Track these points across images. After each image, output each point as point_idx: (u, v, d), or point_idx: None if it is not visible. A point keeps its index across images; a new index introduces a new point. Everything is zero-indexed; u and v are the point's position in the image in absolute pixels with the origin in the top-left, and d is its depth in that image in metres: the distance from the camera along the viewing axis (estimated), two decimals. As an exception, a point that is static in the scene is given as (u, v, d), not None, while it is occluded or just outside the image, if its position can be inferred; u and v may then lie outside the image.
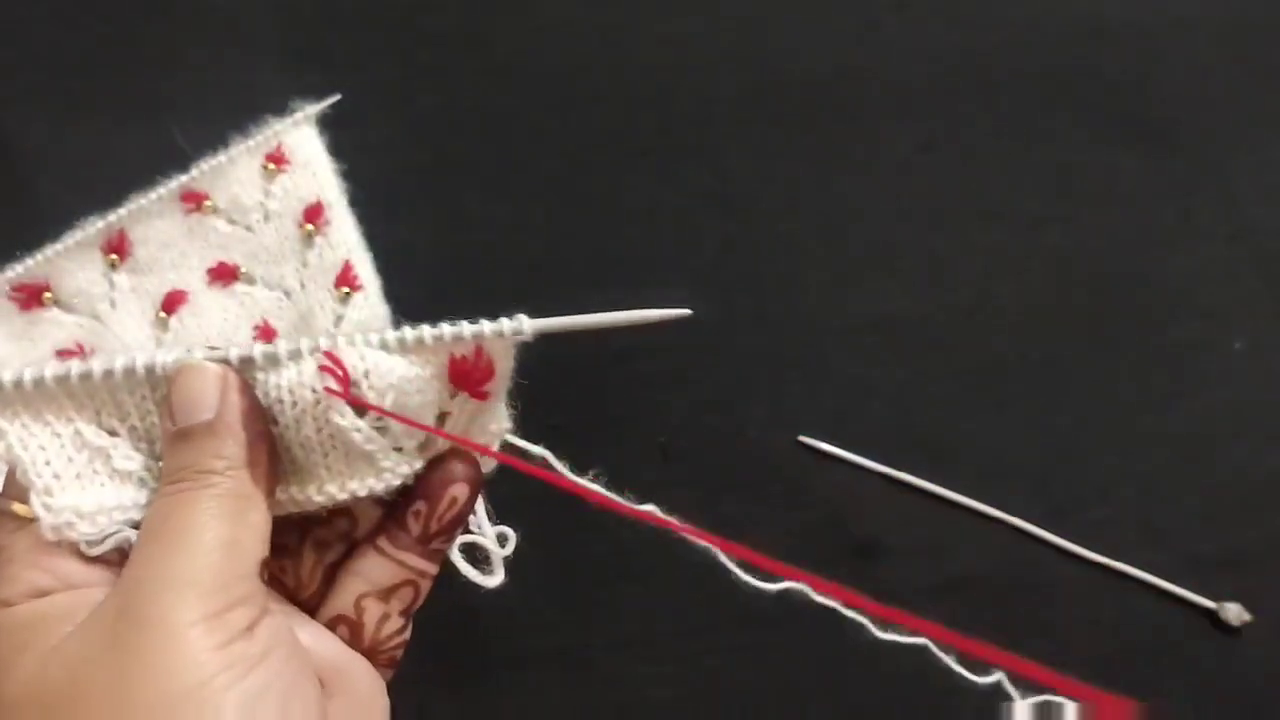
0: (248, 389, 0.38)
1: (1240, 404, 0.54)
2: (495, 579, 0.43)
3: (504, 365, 0.39)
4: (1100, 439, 0.53)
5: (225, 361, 0.38)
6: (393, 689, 0.40)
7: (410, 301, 0.53)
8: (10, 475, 0.38)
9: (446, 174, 0.55)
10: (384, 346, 0.38)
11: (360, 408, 0.38)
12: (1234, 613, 0.49)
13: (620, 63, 0.57)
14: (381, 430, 0.39)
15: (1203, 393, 0.54)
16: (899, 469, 0.52)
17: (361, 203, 0.53)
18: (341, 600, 0.41)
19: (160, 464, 0.39)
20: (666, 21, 0.57)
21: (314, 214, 0.52)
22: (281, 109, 0.53)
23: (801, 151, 0.57)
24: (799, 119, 0.57)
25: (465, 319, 0.39)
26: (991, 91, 0.57)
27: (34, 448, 0.37)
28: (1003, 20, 0.58)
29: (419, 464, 0.40)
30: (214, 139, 0.52)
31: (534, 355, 0.39)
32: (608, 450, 0.41)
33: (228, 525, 0.36)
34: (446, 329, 0.38)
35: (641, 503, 0.37)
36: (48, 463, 0.37)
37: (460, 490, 0.40)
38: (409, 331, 0.39)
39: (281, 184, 0.52)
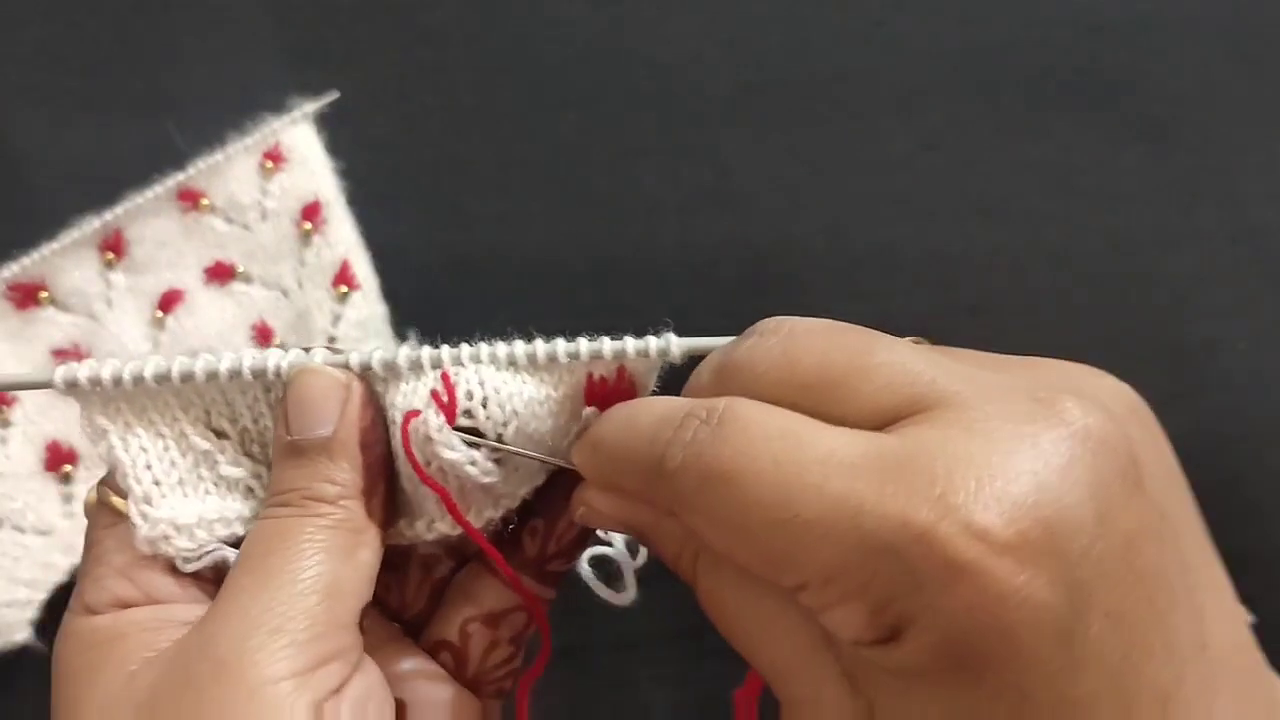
0: (372, 403, 0.34)
1: (1243, 404, 0.54)
2: (627, 596, 0.39)
3: (646, 385, 0.35)
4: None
5: (347, 367, 0.34)
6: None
7: (408, 300, 0.53)
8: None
9: (445, 172, 0.55)
10: (512, 363, 0.34)
11: (475, 439, 0.34)
12: (1236, 614, 0.49)
13: (620, 62, 0.56)
14: (500, 461, 0.35)
15: (1205, 393, 0.54)
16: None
17: (359, 201, 0.53)
18: (447, 624, 0.37)
19: (258, 462, 0.36)
20: (666, 21, 0.57)
21: (312, 212, 0.52)
22: (279, 107, 0.53)
23: (801, 151, 0.57)
24: (799, 119, 0.57)
25: (463, 318, 0.38)
26: (992, 91, 0.57)
27: (135, 449, 0.34)
28: (1003, 19, 0.58)
29: (540, 479, 0.36)
30: (211, 137, 0.52)
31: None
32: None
33: (333, 564, 0.32)
34: (585, 346, 0.34)
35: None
36: (149, 467, 0.34)
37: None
38: (542, 348, 0.34)
39: (279, 182, 0.52)
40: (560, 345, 0.34)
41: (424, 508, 0.35)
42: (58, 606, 0.48)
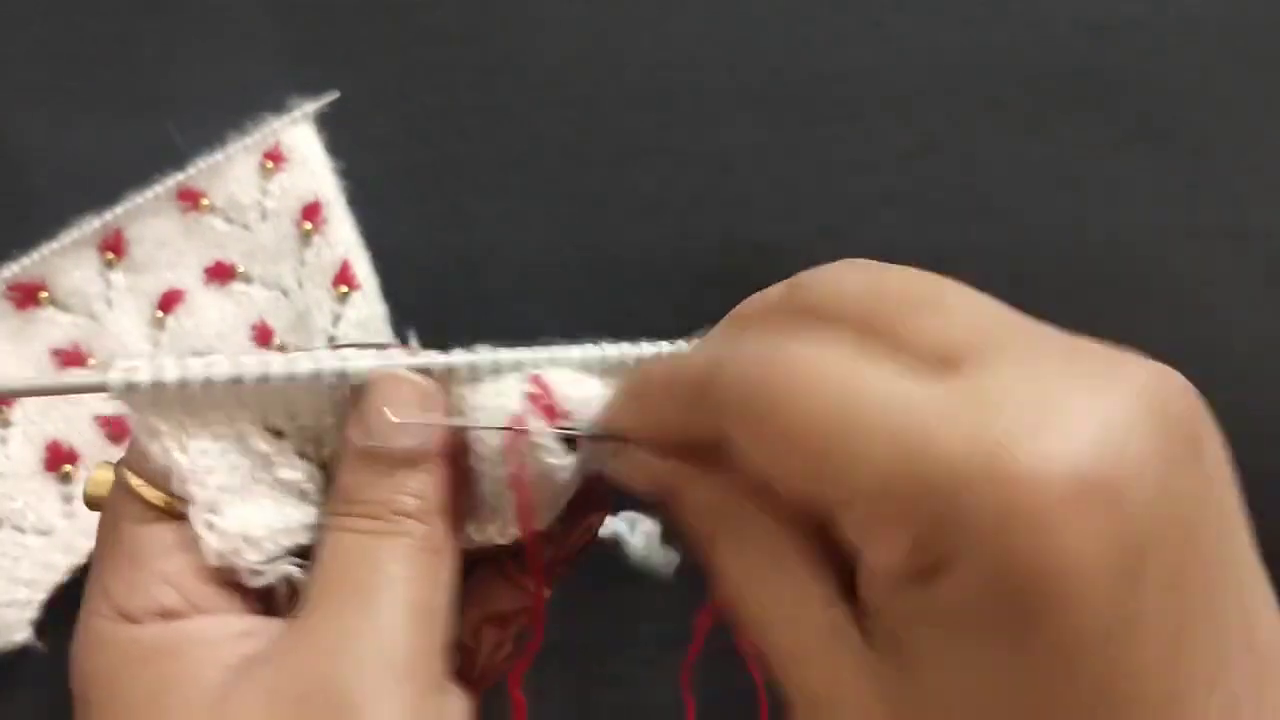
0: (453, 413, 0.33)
1: (1243, 404, 0.54)
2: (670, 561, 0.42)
3: None
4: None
5: (428, 372, 0.33)
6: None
7: (408, 300, 0.53)
8: (133, 445, 0.32)
9: (445, 172, 0.55)
10: (585, 367, 0.34)
11: (570, 443, 0.33)
12: (1236, 614, 0.49)
13: (620, 62, 0.56)
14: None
15: (1206, 393, 0.54)
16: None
17: (359, 201, 0.53)
18: (460, 625, 0.36)
19: (322, 470, 0.34)
20: (666, 21, 0.57)
21: (312, 212, 0.52)
22: (279, 106, 0.53)
23: (801, 151, 0.57)
24: (799, 119, 0.57)
25: (463, 319, 0.38)
26: (992, 91, 0.57)
27: (195, 452, 0.31)
28: (1003, 20, 0.58)
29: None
30: (211, 137, 0.52)
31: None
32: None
33: (423, 588, 0.31)
34: (647, 348, 0.35)
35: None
36: (211, 471, 0.32)
37: (597, 519, 0.37)
38: (612, 351, 0.34)
39: (279, 182, 0.52)
40: (627, 349, 0.34)
41: (501, 512, 0.34)
42: (57, 606, 0.48)
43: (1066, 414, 0.25)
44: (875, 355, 0.27)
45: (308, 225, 0.52)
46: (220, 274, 0.52)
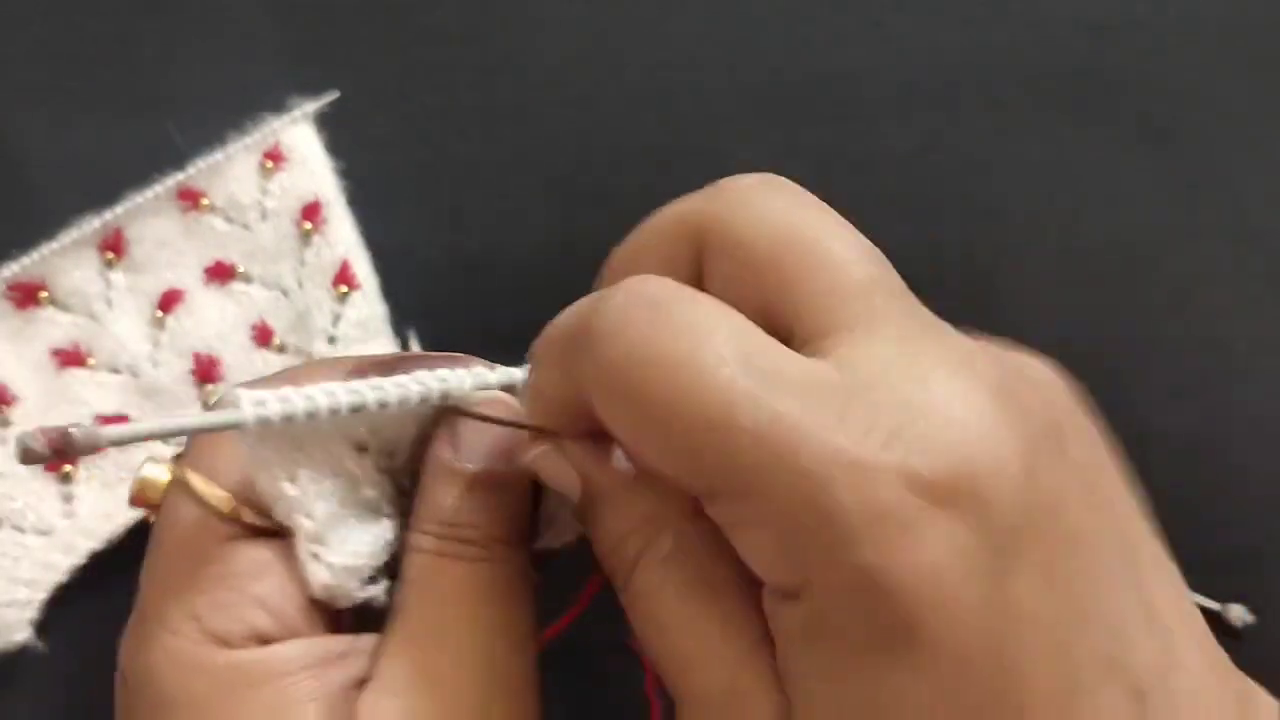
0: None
1: (1243, 404, 0.54)
2: None
3: None
4: (1101, 439, 0.53)
5: (510, 389, 0.33)
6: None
7: (408, 300, 0.53)
8: (202, 447, 0.32)
9: (445, 172, 0.55)
10: None
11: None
12: (1236, 614, 0.49)
13: (620, 62, 0.56)
14: None
15: (1205, 393, 0.54)
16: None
17: (359, 201, 0.53)
18: None
19: (383, 474, 0.33)
20: (666, 21, 0.57)
21: (312, 212, 0.52)
22: (279, 106, 0.53)
23: (801, 151, 0.57)
24: (799, 119, 0.57)
25: (463, 319, 0.38)
26: (992, 91, 0.57)
27: (304, 481, 0.31)
28: (1003, 20, 0.58)
29: None
30: (211, 137, 0.52)
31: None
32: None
33: (526, 616, 0.32)
34: None
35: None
36: (315, 498, 0.31)
37: None
38: None
39: (279, 182, 0.52)
40: None
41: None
42: (57, 606, 0.48)
43: (923, 415, 0.24)
44: (764, 336, 0.26)
45: (308, 225, 0.52)
46: (220, 274, 0.52)
